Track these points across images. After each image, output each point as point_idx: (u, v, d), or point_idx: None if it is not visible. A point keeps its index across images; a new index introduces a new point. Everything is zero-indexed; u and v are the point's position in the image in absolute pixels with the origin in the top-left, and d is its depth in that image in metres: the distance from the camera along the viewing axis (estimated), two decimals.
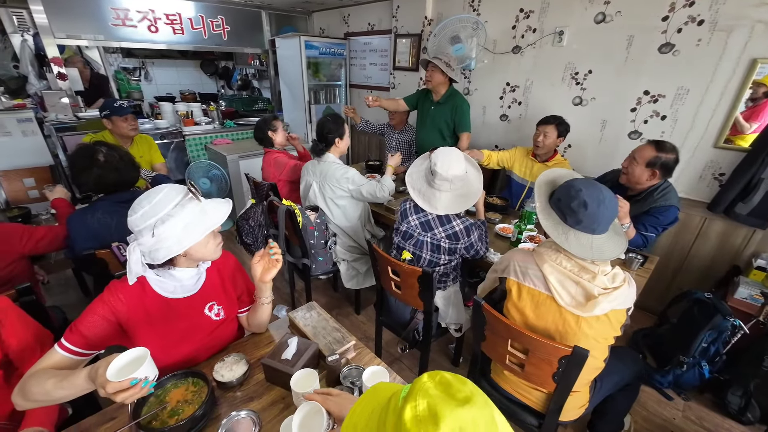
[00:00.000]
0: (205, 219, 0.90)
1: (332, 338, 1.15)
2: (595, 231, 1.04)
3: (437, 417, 0.39)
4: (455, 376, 0.46)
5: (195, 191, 0.91)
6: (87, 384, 0.74)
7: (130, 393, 0.70)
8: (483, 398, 0.43)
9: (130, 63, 5.67)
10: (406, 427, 0.39)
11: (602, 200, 1.01)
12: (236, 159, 3.41)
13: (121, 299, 0.93)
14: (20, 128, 2.74)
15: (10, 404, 0.92)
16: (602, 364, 1.15)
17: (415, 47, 3.47)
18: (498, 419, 0.42)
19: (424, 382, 0.44)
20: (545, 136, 2.23)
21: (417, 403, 0.40)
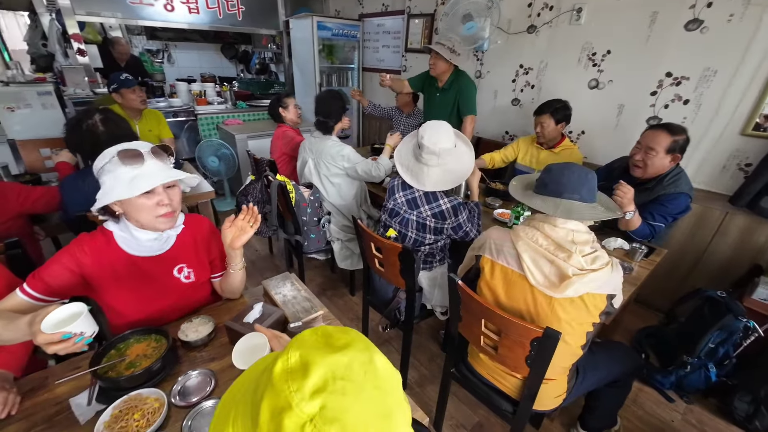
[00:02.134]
0: (136, 181, 0.88)
1: (301, 307, 1.14)
2: (561, 195, 1.02)
3: (308, 366, 0.35)
4: (340, 328, 0.42)
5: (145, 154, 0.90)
6: (27, 329, 0.75)
7: (61, 346, 0.71)
8: (364, 343, 0.40)
9: (154, 45, 5.82)
10: (273, 382, 0.35)
11: (567, 167, 1.04)
12: (245, 138, 3.44)
13: (85, 251, 0.94)
14: (40, 101, 2.85)
15: None
16: (579, 350, 1.08)
17: (427, 28, 3.36)
18: (378, 361, 0.39)
19: (303, 336, 0.41)
20: (542, 127, 2.14)
21: (289, 356, 0.37)
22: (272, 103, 2.49)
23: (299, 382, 0.34)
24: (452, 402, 1.71)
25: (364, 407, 0.34)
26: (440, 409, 1.53)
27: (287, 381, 0.34)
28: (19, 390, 0.85)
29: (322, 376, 0.35)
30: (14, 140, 2.67)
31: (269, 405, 0.34)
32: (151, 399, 0.83)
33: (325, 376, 0.35)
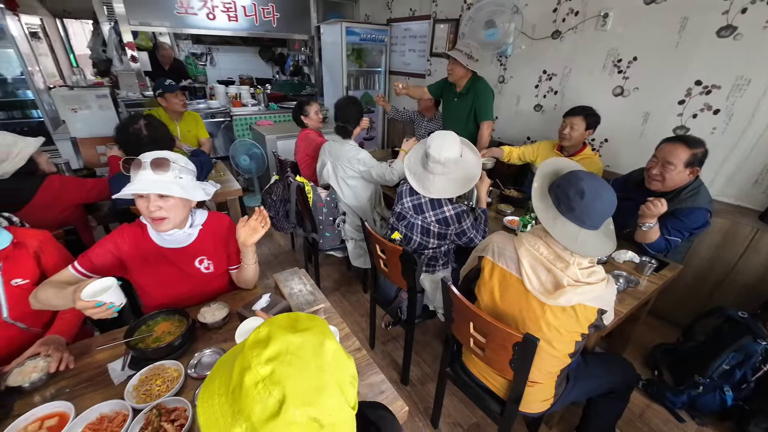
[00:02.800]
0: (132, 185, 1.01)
1: (305, 300, 1.25)
2: (584, 224, 1.00)
3: (269, 339, 0.46)
4: (309, 316, 0.52)
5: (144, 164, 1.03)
6: (71, 297, 0.91)
7: (96, 311, 0.87)
8: (321, 330, 0.50)
9: (198, 49, 6.25)
10: (244, 348, 0.46)
11: (600, 195, 0.97)
12: (274, 139, 3.65)
13: (124, 239, 1.12)
14: (98, 103, 3.20)
15: (46, 315, 1.17)
16: (566, 358, 1.11)
17: (452, 33, 3.39)
18: (327, 346, 0.48)
19: (278, 317, 0.51)
20: (572, 128, 2.09)
21: (260, 330, 0.48)
22: (294, 109, 2.63)
23: (260, 350, 0.44)
24: (452, 401, 1.77)
25: (303, 378, 0.44)
26: (437, 406, 1.60)
27: (253, 349, 0.45)
28: (71, 352, 1.03)
29: (277, 348, 0.45)
30: (75, 138, 3.02)
31: (239, 364, 0.45)
32: (171, 369, 0.98)
33: (279, 349, 0.45)
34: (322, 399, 0.44)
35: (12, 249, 1.05)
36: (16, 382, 0.92)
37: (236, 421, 0.42)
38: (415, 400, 1.79)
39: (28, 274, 1.08)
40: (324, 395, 0.44)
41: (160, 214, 1.05)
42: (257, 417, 0.41)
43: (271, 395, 0.41)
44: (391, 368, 1.97)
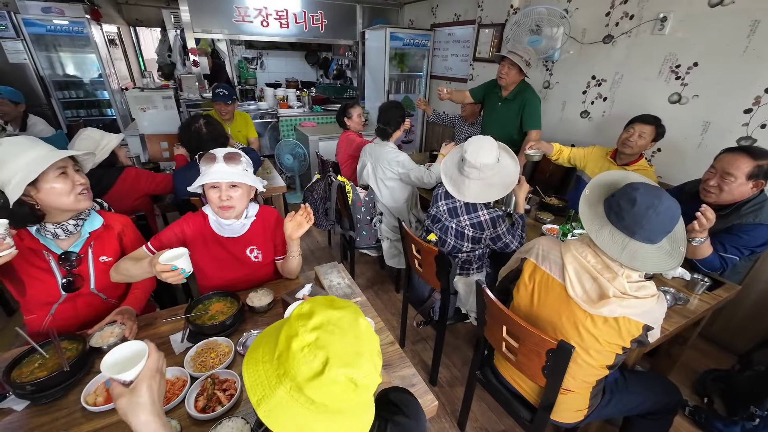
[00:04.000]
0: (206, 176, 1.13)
1: (342, 293, 1.32)
2: (634, 234, 0.94)
3: (312, 312, 0.54)
4: (344, 300, 0.60)
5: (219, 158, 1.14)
6: (149, 267, 1.04)
7: (170, 275, 0.99)
8: (355, 309, 0.57)
9: (250, 54, 6.66)
10: (290, 320, 0.54)
11: (655, 206, 0.90)
12: (316, 140, 3.81)
13: (189, 225, 1.26)
14: (163, 103, 3.52)
15: (121, 288, 1.33)
16: (604, 369, 1.08)
17: (497, 38, 3.36)
18: (361, 322, 0.55)
19: (316, 297, 0.59)
20: (640, 137, 1.94)
21: (303, 306, 0.56)
22: (339, 111, 2.76)
23: (305, 320, 0.52)
24: (480, 407, 1.76)
25: (343, 344, 0.51)
26: (465, 409, 1.61)
27: (298, 320, 0.52)
28: (138, 323, 1.17)
29: (320, 319, 0.52)
30: (143, 134, 3.35)
31: (285, 333, 0.52)
32: (223, 345, 1.09)
33: (322, 320, 0.52)
34: (359, 362, 0.50)
35: (102, 230, 1.22)
36: (97, 343, 1.06)
37: (281, 382, 0.49)
38: (443, 401, 1.80)
39: (112, 252, 1.24)
40: (361, 359, 0.51)
41: (230, 203, 1.18)
42: (303, 376, 0.48)
43: (316, 357, 0.48)
44: (420, 368, 1.99)
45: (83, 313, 1.22)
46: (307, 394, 0.48)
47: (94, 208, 1.24)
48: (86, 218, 1.17)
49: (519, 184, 1.68)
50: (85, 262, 1.19)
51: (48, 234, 1.10)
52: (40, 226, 1.09)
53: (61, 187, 1.04)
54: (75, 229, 1.14)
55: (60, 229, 1.11)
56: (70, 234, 1.13)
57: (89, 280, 1.19)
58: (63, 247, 1.14)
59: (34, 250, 1.10)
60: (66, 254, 1.14)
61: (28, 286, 1.13)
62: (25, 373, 0.94)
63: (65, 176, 1.06)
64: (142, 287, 1.32)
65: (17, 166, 0.98)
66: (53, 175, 1.03)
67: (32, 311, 1.20)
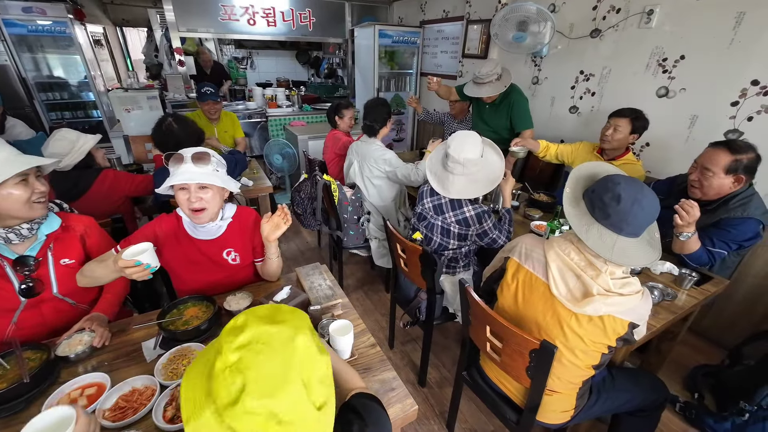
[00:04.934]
0: (173, 177, 1.07)
1: (323, 294, 1.28)
2: (622, 231, 0.93)
3: (244, 327, 0.48)
4: (293, 309, 0.53)
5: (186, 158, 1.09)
6: (114, 265, 0.99)
7: (134, 270, 0.95)
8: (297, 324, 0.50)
9: (240, 53, 6.59)
10: (219, 337, 0.48)
11: (639, 200, 0.90)
12: (306, 139, 3.77)
13: (162, 227, 1.22)
14: (148, 104, 3.45)
15: (92, 293, 1.28)
16: (589, 369, 1.06)
17: (485, 33, 3.34)
18: (299, 341, 0.48)
19: (261, 306, 0.53)
20: (615, 130, 1.96)
21: (237, 318, 0.50)
22: (331, 108, 2.72)
23: (233, 337, 0.46)
24: (469, 407, 1.74)
25: (267, 368, 0.44)
26: (453, 410, 1.58)
27: (228, 335, 0.47)
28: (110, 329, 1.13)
29: (249, 337, 0.46)
30: (128, 136, 3.29)
31: (214, 347, 0.48)
32: (196, 351, 1.05)
33: (251, 337, 0.46)
34: (281, 393, 0.43)
35: (61, 232, 1.16)
36: (63, 352, 1.02)
37: (206, 404, 0.44)
38: (431, 402, 1.78)
39: (74, 254, 1.19)
40: (285, 390, 0.44)
41: (200, 205, 1.13)
42: (221, 402, 0.43)
43: (234, 382, 0.43)
44: (409, 369, 1.96)
45: (50, 320, 1.17)
46: (227, 422, 0.42)
47: (52, 209, 1.19)
48: (42, 221, 1.12)
49: (505, 179, 1.65)
50: (45, 266, 1.13)
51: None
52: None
53: (18, 195, 1.00)
54: (29, 233, 1.08)
55: (12, 234, 1.05)
56: (25, 238, 1.08)
57: (50, 284, 1.14)
58: (18, 252, 1.09)
59: None
60: (22, 258, 1.08)
61: None
62: None
63: (25, 183, 1.01)
64: (114, 291, 1.28)
65: None
66: (13, 182, 0.98)
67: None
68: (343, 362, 0.85)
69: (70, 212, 1.31)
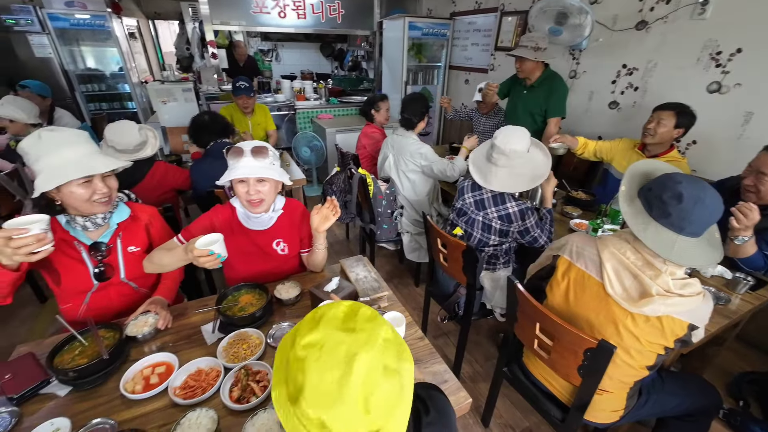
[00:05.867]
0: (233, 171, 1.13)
1: (369, 286, 1.31)
2: (683, 230, 0.91)
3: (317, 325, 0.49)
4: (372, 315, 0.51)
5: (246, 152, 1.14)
6: (183, 254, 1.05)
7: (207, 260, 1.00)
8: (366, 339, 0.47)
9: (265, 45, 6.66)
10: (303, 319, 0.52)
11: (701, 199, 0.87)
12: (333, 132, 3.79)
13: (218, 217, 1.26)
14: (183, 96, 3.56)
15: (152, 279, 1.35)
16: (643, 370, 1.04)
17: (520, 26, 3.26)
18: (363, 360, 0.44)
19: (344, 302, 0.54)
20: (659, 124, 1.87)
21: (317, 310, 0.52)
22: (367, 101, 2.73)
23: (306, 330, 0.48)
24: (504, 403, 1.74)
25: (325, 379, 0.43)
26: (489, 405, 1.59)
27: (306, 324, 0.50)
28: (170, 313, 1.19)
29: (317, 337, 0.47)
30: (165, 127, 3.40)
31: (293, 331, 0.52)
32: (254, 336, 1.09)
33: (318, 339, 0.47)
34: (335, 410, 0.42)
35: (129, 221, 1.23)
36: (132, 332, 1.08)
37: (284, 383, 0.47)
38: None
39: (140, 243, 1.26)
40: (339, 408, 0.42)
41: (258, 197, 1.17)
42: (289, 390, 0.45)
43: (296, 379, 0.44)
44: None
45: (116, 303, 1.24)
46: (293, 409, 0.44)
47: (122, 199, 1.26)
48: (114, 210, 1.19)
49: (547, 179, 1.63)
50: (115, 253, 1.20)
51: (77, 226, 1.12)
52: (70, 219, 1.11)
53: (81, 193, 1.05)
54: (103, 221, 1.15)
55: (89, 222, 1.12)
56: (99, 226, 1.15)
57: (119, 269, 1.21)
58: (92, 238, 1.16)
59: (66, 240, 1.12)
60: (96, 245, 1.15)
61: (62, 275, 1.15)
62: (67, 360, 0.97)
63: (89, 184, 1.06)
64: (172, 277, 1.34)
65: (47, 165, 1.00)
66: (77, 182, 1.03)
67: (68, 300, 1.23)
68: None
69: (136, 202, 1.37)
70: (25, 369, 0.95)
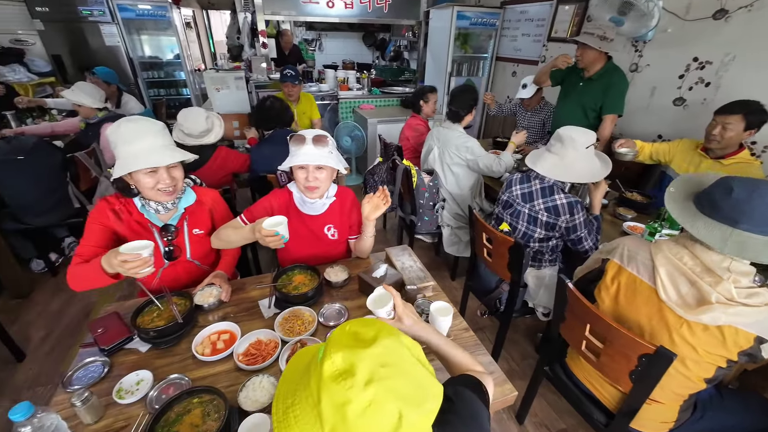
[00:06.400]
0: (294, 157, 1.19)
1: (415, 275, 1.34)
2: (737, 224, 0.84)
3: (353, 365, 0.43)
4: (361, 321, 0.51)
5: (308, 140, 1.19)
6: (249, 233, 1.14)
7: (272, 239, 1.08)
8: (387, 330, 0.49)
9: (310, 35, 6.78)
10: (328, 385, 0.42)
11: (757, 188, 0.82)
12: (375, 123, 3.82)
13: (277, 200, 1.35)
14: (235, 84, 3.73)
15: (212, 257, 1.46)
16: (700, 382, 1.00)
17: (578, 15, 3.08)
18: (404, 340, 0.49)
19: (335, 336, 0.50)
20: (724, 129, 1.73)
21: (333, 360, 0.44)
22: (415, 93, 2.74)
23: (351, 380, 0.42)
24: (540, 403, 1.72)
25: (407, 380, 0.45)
26: (525, 403, 1.58)
27: (340, 382, 0.42)
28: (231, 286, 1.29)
29: (367, 369, 0.43)
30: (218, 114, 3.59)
31: (330, 403, 0.41)
32: (307, 314, 1.16)
33: (370, 368, 0.43)
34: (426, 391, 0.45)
35: (195, 206, 1.33)
36: (199, 302, 1.18)
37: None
38: None
39: (204, 226, 1.36)
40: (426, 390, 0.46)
41: (316, 184, 1.24)
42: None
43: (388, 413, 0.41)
44: None
45: (183, 278, 1.36)
46: None
47: (189, 184, 1.35)
48: (182, 195, 1.28)
49: (596, 185, 1.56)
50: (182, 234, 1.31)
51: (151, 209, 1.22)
52: (145, 202, 1.21)
53: (147, 182, 1.14)
54: (172, 206, 1.26)
55: (160, 206, 1.23)
56: (168, 209, 1.25)
57: (185, 249, 1.32)
58: (163, 221, 1.27)
59: (141, 223, 1.24)
60: (166, 227, 1.26)
61: None
62: (147, 321, 1.08)
63: (154, 174, 1.15)
64: (231, 254, 1.45)
65: (124, 152, 1.11)
66: (144, 171, 1.13)
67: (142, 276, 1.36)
68: (451, 343, 0.89)
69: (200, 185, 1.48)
70: (113, 326, 1.08)
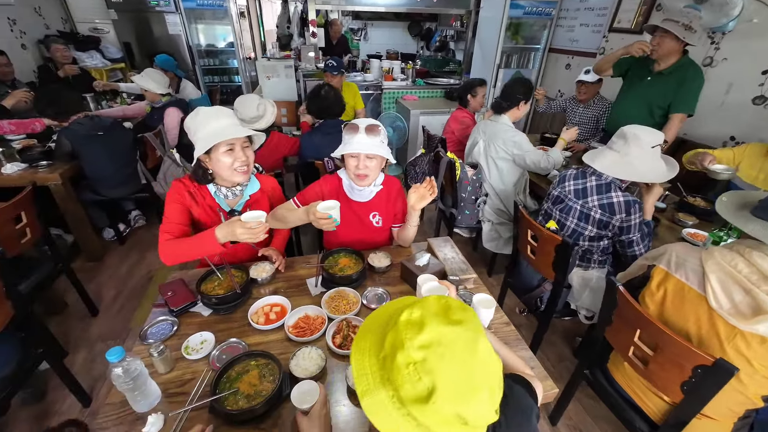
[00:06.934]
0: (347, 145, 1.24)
1: (457, 267, 1.35)
2: None
3: (423, 325, 0.47)
4: (462, 305, 0.52)
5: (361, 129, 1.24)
6: (303, 214, 1.22)
7: (325, 222, 1.15)
8: (474, 326, 0.49)
9: (356, 24, 6.81)
10: (398, 324, 0.48)
11: None
12: (418, 114, 3.81)
13: (327, 185, 1.41)
14: (284, 72, 3.87)
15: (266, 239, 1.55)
16: (757, 399, 0.94)
17: (646, 4, 2.86)
18: (481, 345, 0.47)
19: (429, 299, 0.52)
20: None
21: (413, 311, 0.49)
22: (464, 86, 2.72)
23: (413, 333, 0.46)
24: (575, 406, 1.69)
25: (455, 374, 0.44)
26: (561, 405, 1.56)
27: (407, 329, 0.46)
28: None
29: (430, 337, 0.45)
30: None
31: (391, 339, 0.47)
32: (351, 295, 1.22)
33: (432, 338, 0.45)
34: (472, 401, 0.44)
35: (259, 194, 1.43)
36: (254, 275, 1.28)
37: (384, 386, 0.46)
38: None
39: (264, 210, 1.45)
40: (474, 398, 0.44)
41: (366, 172, 1.29)
42: (406, 394, 0.44)
43: (422, 381, 0.43)
44: None
45: (240, 256, 1.46)
46: (409, 410, 0.44)
47: (253, 172, 1.45)
48: (248, 183, 1.38)
49: (649, 188, 1.46)
50: None
51: (221, 195, 1.33)
52: (217, 189, 1.32)
53: (224, 161, 1.22)
54: (240, 192, 1.36)
55: (230, 192, 1.33)
56: (236, 195, 1.36)
57: None
58: (230, 206, 1.37)
59: (212, 207, 1.35)
60: (232, 212, 1.36)
61: None
62: (210, 288, 1.19)
63: (231, 152, 1.22)
64: (283, 234, 1.55)
65: (202, 134, 1.19)
66: (222, 150, 1.21)
67: None
68: (500, 342, 0.90)
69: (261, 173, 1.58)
70: (179, 290, 1.20)
